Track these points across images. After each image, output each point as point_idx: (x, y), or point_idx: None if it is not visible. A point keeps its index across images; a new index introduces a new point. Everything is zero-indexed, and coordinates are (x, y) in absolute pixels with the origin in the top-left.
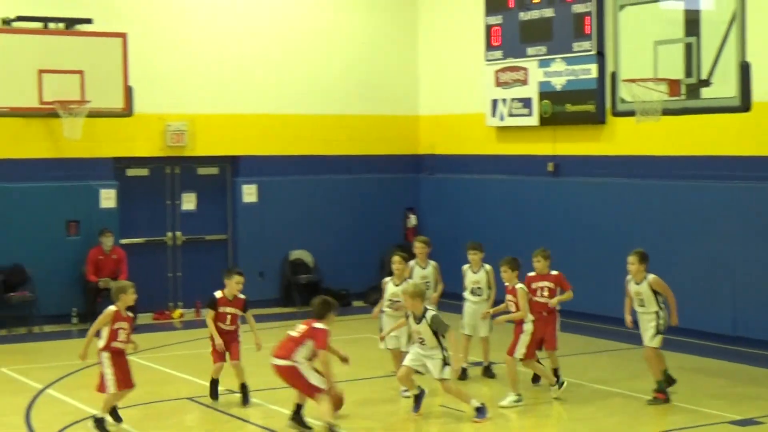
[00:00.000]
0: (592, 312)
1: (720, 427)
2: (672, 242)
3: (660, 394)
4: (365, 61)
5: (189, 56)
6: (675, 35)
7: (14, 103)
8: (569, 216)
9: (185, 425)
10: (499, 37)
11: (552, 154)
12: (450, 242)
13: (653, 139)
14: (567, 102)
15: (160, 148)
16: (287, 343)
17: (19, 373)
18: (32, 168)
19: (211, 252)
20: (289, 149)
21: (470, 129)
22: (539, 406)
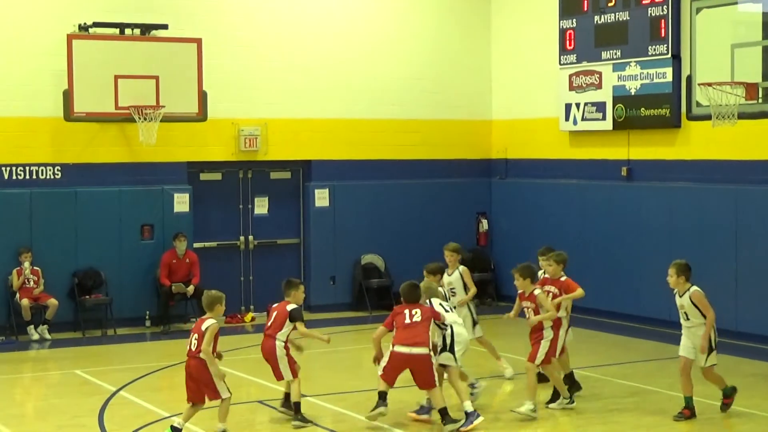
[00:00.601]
0: (663, 318)
1: None
2: (748, 248)
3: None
4: (437, 65)
5: (262, 61)
6: (753, 38)
7: (91, 109)
8: (642, 221)
9: (255, 428)
10: (573, 41)
11: (626, 158)
12: (522, 247)
13: (729, 143)
14: (641, 106)
15: (233, 152)
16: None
17: (93, 375)
18: (108, 172)
19: (283, 256)
20: (361, 154)
21: (543, 133)
22: (606, 414)
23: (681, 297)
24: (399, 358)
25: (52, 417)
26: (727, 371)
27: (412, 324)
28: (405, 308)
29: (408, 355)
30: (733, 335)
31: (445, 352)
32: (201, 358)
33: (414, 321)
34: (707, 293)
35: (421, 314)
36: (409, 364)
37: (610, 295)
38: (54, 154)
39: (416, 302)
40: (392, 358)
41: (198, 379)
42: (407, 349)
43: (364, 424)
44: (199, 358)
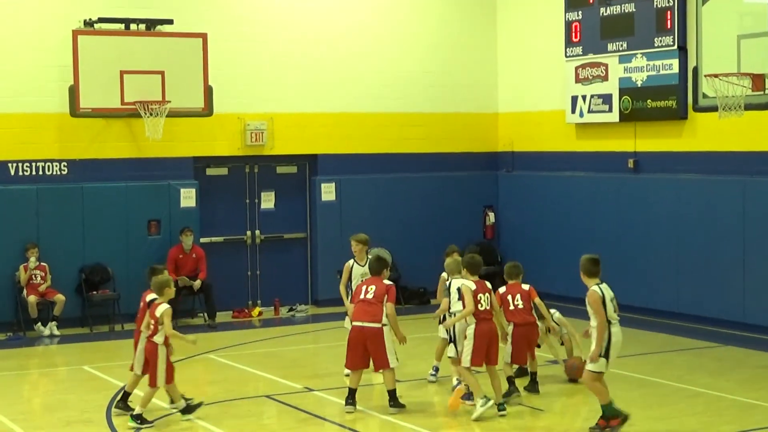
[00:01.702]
0: (671, 310)
1: None
2: (756, 239)
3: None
4: (444, 58)
5: (268, 56)
6: (759, 29)
7: (96, 104)
8: (649, 213)
9: (263, 423)
10: (579, 33)
11: (632, 150)
12: (529, 239)
13: (736, 134)
14: (648, 98)
15: (239, 147)
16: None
17: (101, 370)
18: (114, 168)
19: (290, 250)
20: (368, 147)
21: (550, 126)
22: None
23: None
24: (353, 332)
25: (60, 413)
26: (735, 363)
27: (365, 300)
28: (365, 284)
29: (360, 329)
30: (741, 327)
31: (450, 344)
32: (154, 341)
33: (367, 297)
34: (715, 284)
35: (375, 291)
36: (363, 339)
37: (618, 287)
38: (60, 150)
39: (378, 275)
40: (349, 335)
41: (149, 360)
42: (360, 323)
43: (368, 417)
44: (153, 342)
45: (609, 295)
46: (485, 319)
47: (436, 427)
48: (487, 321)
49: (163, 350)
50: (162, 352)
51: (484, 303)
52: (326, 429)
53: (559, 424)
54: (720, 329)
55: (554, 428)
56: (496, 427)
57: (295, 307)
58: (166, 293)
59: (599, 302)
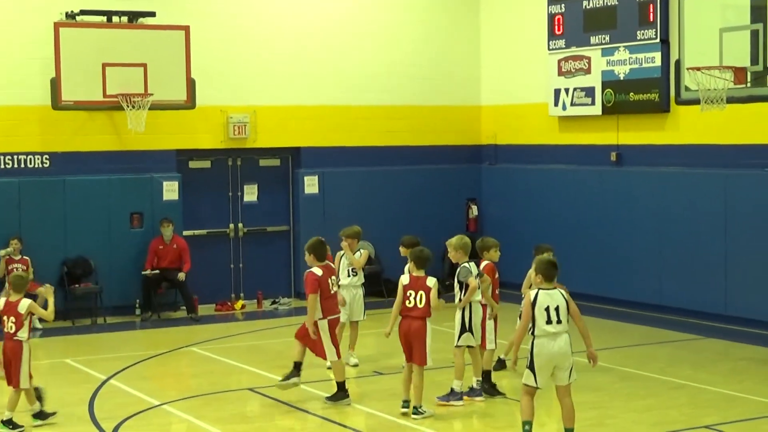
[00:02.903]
0: (654, 302)
1: None
2: (738, 232)
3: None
4: (427, 51)
5: (250, 49)
6: (741, 22)
7: (78, 97)
8: (632, 206)
9: (246, 415)
10: (562, 26)
11: (615, 143)
12: (512, 232)
13: (718, 127)
14: (630, 91)
15: (222, 140)
16: None
17: (83, 363)
18: (96, 161)
19: (273, 243)
20: (351, 140)
21: (532, 119)
22: (597, 399)
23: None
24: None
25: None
26: (717, 355)
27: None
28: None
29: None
30: (723, 319)
31: (465, 333)
32: (18, 340)
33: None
34: (697, 277)
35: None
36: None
37: (600, 280)
38: (42, 143)
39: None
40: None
41: (12, 360)
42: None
43: (351, 409)
44: (17, 341)
45: (547, 303)
46: (408, 316)
47: (427, 421)
48: (407, 318)
49: (27, 348)
50: (26, 349)
51: (412, 300)
52: (309, 421)
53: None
54: (702, 322)
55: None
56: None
57: (278, 300)
58: (24, 290)
59: (527, 307)
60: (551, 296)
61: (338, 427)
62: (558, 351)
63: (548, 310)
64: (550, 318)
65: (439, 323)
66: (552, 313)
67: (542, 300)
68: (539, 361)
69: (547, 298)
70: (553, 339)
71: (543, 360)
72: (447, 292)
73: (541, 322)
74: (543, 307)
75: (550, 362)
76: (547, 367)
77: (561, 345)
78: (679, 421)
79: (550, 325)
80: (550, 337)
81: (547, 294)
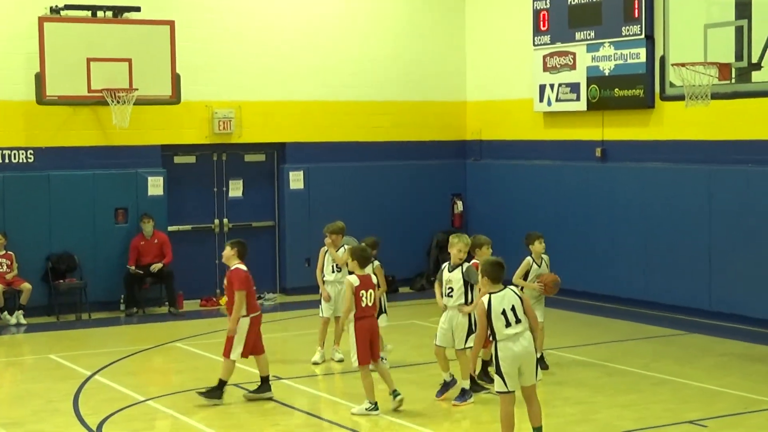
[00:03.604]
0: (638, 298)
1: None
2: (722, 228)
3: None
4: (412, 46)
5: (236, 44)
6: (725, 18)
7: (63, 92)
8: (616, 201)
9: (231, 411)
10: (547, 22)
11: (600, 139)
12: (496, 228)
13: (703, 123)
14: (615, 86)
15: (207, 135)
16: None
17: (68, 359)
18: (81, 156)
19: (258, 239)
20: (336, 136)
21: (518, 114)
22: (581, 394)
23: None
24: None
25: (27, 402)
26: (700, 351)
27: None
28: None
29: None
30: (707, 315)
31: (473, 334)
32: None
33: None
34: (681, 272)
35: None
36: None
37: (585, 276)
38: (26, 138)
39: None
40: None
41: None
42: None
43: (336, 405)
44: None
45: (502, 306)
46: (366, 316)
47: (411, 416)
48: (368, 318)
49: None
50: None
51: (366, 299)
52: (295, 417)
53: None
54: (686, 317)
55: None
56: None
57: (263, 295)
58: None
59: (482, 314)
60: (504, 297)
61: (323, 423)
62: (522, 351)
63: (504, 313)
64: (509, 320)
65: (423, 318)
66: (509, 314)
67: (496, 305)
68: (505, 364)
69: (501, 301)
70: (515, 340)
71: (509, 362)
72: (432, 288)
73: (500, 326)
74: (499, 312)
75: (515, 363)
76: (513, 368)
77: (525, 345)
78: (662, 417)
79: (510, 327)
80: (512, 339)
81: (498, 297)
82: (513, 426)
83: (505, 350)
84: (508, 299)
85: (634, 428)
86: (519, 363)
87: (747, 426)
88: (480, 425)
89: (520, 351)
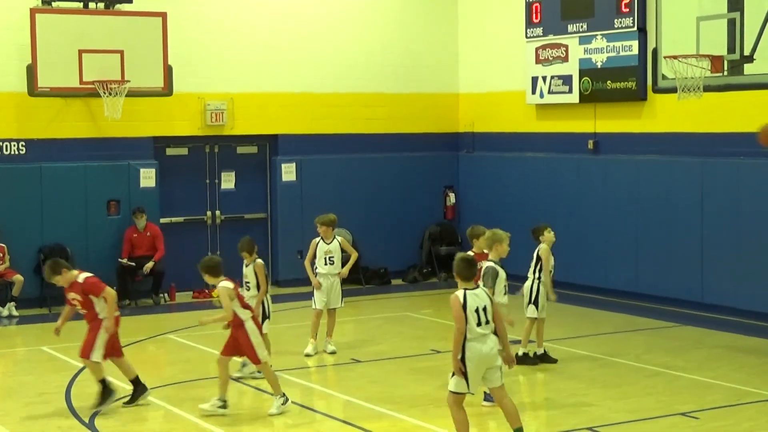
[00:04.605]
0: (630, 290)
1: (760, 406)
2: (714, 220)
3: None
4: (404, 38)
5: (228, 36)
6: (718, 10)
7: (55, 83)
8: (609, 194)
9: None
10: (540, 14)
11: (592, 131)
12: (489, 220)
13: (695, 116)
14: (607, 79)
15: (200, 127)
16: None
17: (60, 351)
18: (73, 148)
19: (251, 231)
20: (328, 128)
21: (510, 106)
22: (573, 386)
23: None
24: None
25: (19, 394)
26: (692, 343)
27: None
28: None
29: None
30: (699, 307)
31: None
32: None
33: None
34: (673, 265)
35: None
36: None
37: (577, 268)
38: (18, 130)
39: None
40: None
41: None
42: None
43: (329, 396)
44: None
45: (476, 305)
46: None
47: (404, 408)
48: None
49: None
50: None
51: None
52: (287, 409)
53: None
54: (678, 309)
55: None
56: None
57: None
58: None
59: (458, 308)
60: (477, 296)
61: (316, 415)
62: (488, 352)
63: (477, 311)
64: (480, 320)
65: (415, 310)
66: (481, 314)
67: (471, 301)
68: (472, 365)
69: (475, 299)
70: (483, 341)
71: (475, 363)
72: (425, 280)
73: (473, 324)
74: (473, 308)
75: (481, 364)
76: (479, 370)
77: (491, 346)
78: (655, 409)
79: (481, 326)
80: (481, 339)
81: (473, 294)
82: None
83: (473, 350)
84: (482, 299)
85: (627, 420)
86: (486, 364)
87: (739, 418)
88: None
89: (487, 352)
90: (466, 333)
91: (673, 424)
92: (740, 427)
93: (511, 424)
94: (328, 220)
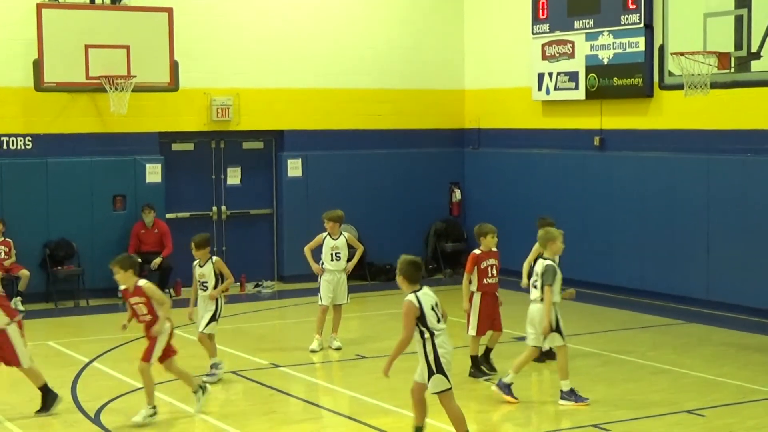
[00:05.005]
0: (635, 287)
1: (766, 404)
2: (720, 217)
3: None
4: (411, 34)
5: (234, 31)
6: (725, 7)
7: (61, 78)
8: (615, 190)
9: (229, 399)
10: (546, 10)
11: (598, 128)
12: (494, 216)
13: (701, 112)
14: (614, 75)
15: (206, 122)
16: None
17: (66, 346)
18: (79, 143)
19: (256, 226)
20: (334, 123)
21: (516, 103)
22: (578, 383)
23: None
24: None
25: (25, 389)
26: (698, 340)
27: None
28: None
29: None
30: (705, 304)
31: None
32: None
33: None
34: (679, 262)
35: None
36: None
37: (583, 265)
38: (25, 125)
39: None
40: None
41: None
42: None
43: (334, 393)
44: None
45: (430, 303)
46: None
47: (410, 404)
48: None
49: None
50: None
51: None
52: (292, 405)
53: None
54: (684, 306)
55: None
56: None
57: (261, 283)
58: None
59: (411, 316)
60: (427, 294)
61: (321, 411)
62: (450, 348)
63: (433, 308)
64: (438, 315)
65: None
66: (436, 310)
67: (425, 301)
68: (446, 360)
69: (427, 298)
70: (446, 335)
71: (448, 357)
72: (430, 276)
73: (433, 322)
74: (429, 307)
75: (450, 358)
76: (450, 363)
77: (449, 342)
78: (660, 406)
79: (440, 322)
80: (445, 333)
81: (424, 294)
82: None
83: (444, 346)
84: (431, 296)
85: (632, 417)
86: (450, 360)
87: (744, 415)
88: (470, 414)
89: (450, 347)
90: (432, 331)
91: (678, 422)
92: (746, 424)
93: (456, 429)
94: (335, 216)
